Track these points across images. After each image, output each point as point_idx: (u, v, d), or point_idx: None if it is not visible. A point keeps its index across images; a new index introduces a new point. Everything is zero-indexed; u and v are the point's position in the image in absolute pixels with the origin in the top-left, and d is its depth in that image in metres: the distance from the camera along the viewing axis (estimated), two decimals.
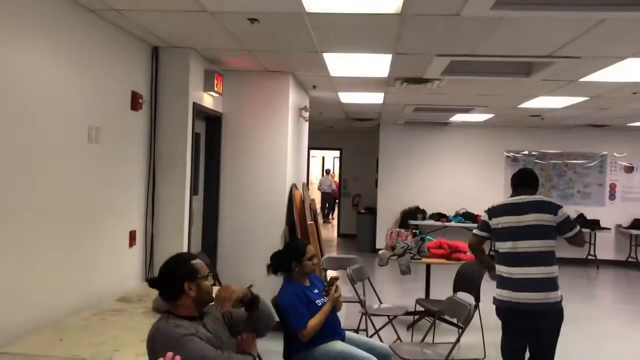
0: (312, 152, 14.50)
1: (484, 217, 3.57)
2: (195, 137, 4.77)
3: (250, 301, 2.39)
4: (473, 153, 10.24)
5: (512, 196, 3.50)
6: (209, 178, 5.38)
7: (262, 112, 5.47)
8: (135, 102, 4.00)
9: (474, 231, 3.63)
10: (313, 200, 6.64)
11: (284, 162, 5.46)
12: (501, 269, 3.43)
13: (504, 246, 3.42)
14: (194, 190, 4.82)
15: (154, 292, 3.65)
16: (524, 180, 3.50)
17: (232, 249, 5.47)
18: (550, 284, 3.30)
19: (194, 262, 2.31)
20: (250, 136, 5.49)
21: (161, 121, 4.38)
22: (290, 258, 3.31)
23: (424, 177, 10.33)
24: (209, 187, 5.38)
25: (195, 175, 5.03)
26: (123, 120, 3.89)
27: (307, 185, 7.36)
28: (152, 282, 2.26)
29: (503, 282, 3.41)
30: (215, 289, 2.41)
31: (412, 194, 10.31)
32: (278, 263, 3.31)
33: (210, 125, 5.37)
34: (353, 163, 12.29)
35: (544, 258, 3.30)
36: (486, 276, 3.94)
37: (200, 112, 4.80)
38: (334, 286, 3.21)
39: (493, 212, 3.51)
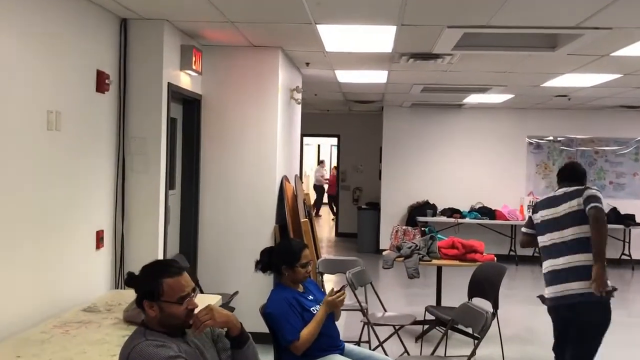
0: (306, 139, 14.50)
1: (530, 213, 3.93)
2: (171, 122, 4.76)
3: (237, 338, 2.29)
4: (490, 139, 10.27)
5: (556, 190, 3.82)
6: (188, 170, 5.38)
7: (248, 93, 5.46)
8: (101, 82, 3.98)
9: (522, 229, 3.99)
10: (307, 194, 6.65)
11: (274, 151, 5.46)
12: (544, 265, 3.69)
13: (541, 240, 3.73)
14: (170, 184, 4.82)
15: (126, 300, 3.66)
16: (566, 175, 3.78)
17: (214, 250, 5.48)
18: (574, 273, 3.46)
19: (167, 279, 2.19)
20: (234, 121, 5.49)
21: (131, 104, 4.37)
22: (281, 260, 3.30)
23: (435, 167, 10.36)
24: (188, 180, 5.38)
25: (172, 166, 5.03)
26: (87, 104, 3.87)
27: (300, 177, 7.37)
28: (129, 280, 2.24)
29: (546, 278, 3.66)
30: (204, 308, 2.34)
31: (420, 186, 10.34)
32: (268, 260, 3.31)
33: (188, 109, 5.36)
34: (353, 152, 12.31)
35: (571, 246, 3.50)
36: (506, 281, 4.11)
37: (176, 93, 4.79)
38: (339, 292, 3.21)
39: (536, 206, 3.84)
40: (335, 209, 15.83)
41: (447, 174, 10.31)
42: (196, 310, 2.21)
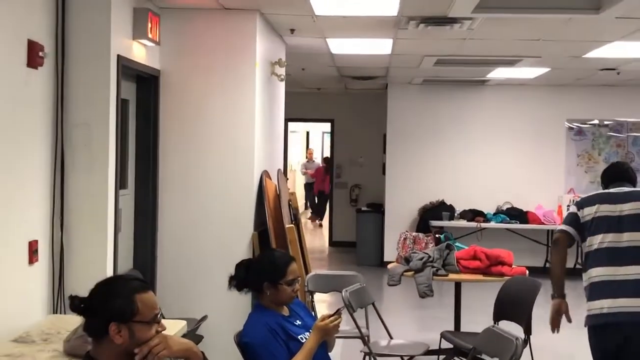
0: (292, 125, 14.52)
1: (573, 209, 3.91)
2: (122, 105, 4.76)
3: None
4: (520, 124, 10.33)
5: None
6: (143, 165, 5.39)
7: (218, 68, 5.47)
8: (33, 55, 3.96)
9: (561, 226, 3.94)
10: (293, 194, 6.66)
11: (251, 140, 5.49)
12: (592, 273, 3.75)
13: (594, 241, 3.74)
14: (121, 183, 4.81)
15: (67, 327, 3.65)
16: (617, 175, 3.91)
17: (177, 265, 5.50)
18: None
19: (140, 295, 2.26)
20: (201, 103, 5.49)
21: (71, 83, 4.36)
22: (262, 276, 3.30)
23: (452, 159, 10.41)
24: (143, 177, 5.39)
25: (123, 160, 5.02)
26: (15, 82, 3.85)
27: (284, 172, 7.37)
28: (75, 304, 2.24)
29: (594, 290, 3.70)
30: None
31: (434, 183, 10.39)
32: (246, 276, 3.31)
33: (143, 88, 5.36)
34: (350, 141, 12.37)
35: None
36: (542, 300, 4.06)
37: (128, 69, 4.79)
38: (333, 316, 3.21)
39: (584, 202, 3.87)
40: (319, 211, 16.07)
41: (468, 168, 10.36)
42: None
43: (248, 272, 3.31)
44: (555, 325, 3.92)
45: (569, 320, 3.91)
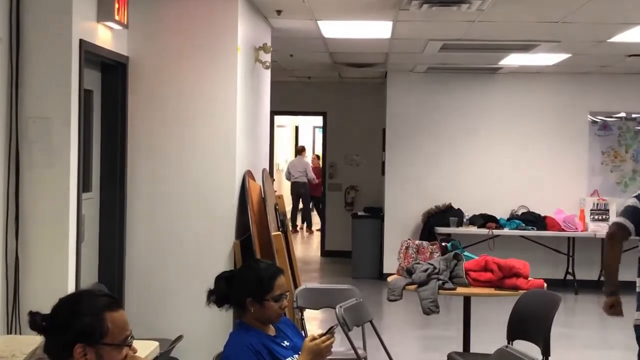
0: (279, 119, 14.47)
1: (632, 202, 3.99)
2: (85, 97, 4.75)
3: None
4: (537, 118, 10.35)
5: None
6: (109, 164, 5.40)
7: (194, 54, 5.47)
8: None
9: (616, 219, 4.04)
10: (280, 197, 6.67)
11: (232, 136, 5.49)
12: None
13: None
14: (84, 185, 4.82)
15: (22, 349, 3.63)
16: None
17: (148, 278, 5.49)
18: None
19: (111, 313, 2.20)
20: (175, 94, 5.48)
21: (28, 71, 4.35)
22: (245, 290, 3.30)
23: (460, 157, 10.41)
24: (110, 178, 5.40)
25: (86, 159, 5.02)
26: None
27: (270, 172, 7.36)
28: (36, 321, 2.23)
29: None
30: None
31: (440, 184, 10.39)
32: (227, 290, 3.31)
33: (109, 77, 5.36)
34: (345, 136, 12.36)
35: None
36: (561, 317, 4.13)
37: (92, 55, 4.79)
38: (325, 335, 3.21)
39: None
40: (306, 219, 16.06)
41: (478, 167, 10.36)
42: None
43: (229, 285, 3.31)
44: (617, 314, 4.04)
45: (621, 314, 4.07)
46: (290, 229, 16.09)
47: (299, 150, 16.06)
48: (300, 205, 15.94)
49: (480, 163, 10.39)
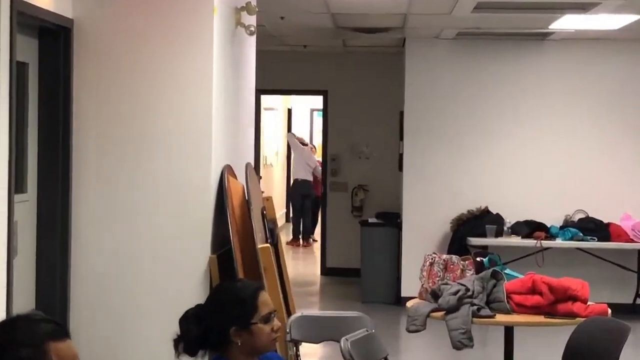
0: (267, 99, 14.46)
1: None
2: (18, 71, 4.74)
3: None
4: (598, 97, 10.33)
5: None
6: (49, 158, 5.40)
7: (159, 17, 5.47)
8: None
9: None
10: (269, 199, 6.66)
11: (207, 121, 5.50)
12: None
13: None
14: (16, 184, 4.80)
15: None
16: None
17: (99, 305, 5.49)
18: None
19: (56, 344, 2.19)
20: (133, 68, 5.48)
21: None
22: (226, 320, 3.30)
23: (499, 148, 10.40)
24: (49, 176, 5.39)
25: (19, 151, 5.01)
26: None
27: (256, 168, 7.34)
28: None
29: None
30: None
31: (474, 183, 10.37)
32: (200, 331, 3.30)
33: (49, 45, 5.35)
34: (351, 122, 12.37)
35: None
36: (630, 351, 4.07)
37: (27, 17, 4.78)
38: None
39: None
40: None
41: (522, 161, 10.34)
42: None
43: (201, 323, 3.31)
44: None
45: None
46: (290, 240, 16.41)
47: (300, 141, 16.19)
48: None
49: (526, 155, 10.36)
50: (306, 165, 15.80)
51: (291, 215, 17.39)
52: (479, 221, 10.03)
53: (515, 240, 9.87)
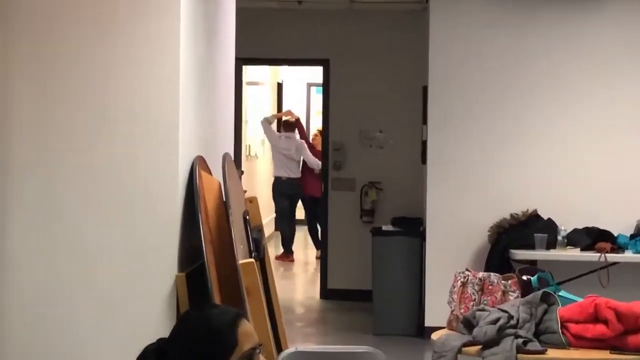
0: (252, 71, 14.43)
1: None
2: None
3: None
4: None
5: None
6: None
7: None
8: None
9: None
10: (253, 200, 6.65)
11: (172, 102, 5.52)
12: None
13: None
14: None
15: None
16: None
17: (33, 338, 5.47)
18: None
19: None
20: (78, 36, 5.49)
21: None
22: (196, 359, 3.30)
23: (550, 134, 10.36)
24: None
25: None
26: None
27: (237, 161, 7.30)
28: None
29: None
30: None
31: (518, 179, 10.33)
32: None
33: None
34: (359, 100, 12.35)
35: None
36: None
37: None
38: None
39: None
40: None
41: (581, 153, 10.32)
42: None
43: None
44: None
45: None
46: (280, 255, 16.40)
47: (289, 124, 16.04)
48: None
49: (585, 145, 10.32)
50: (286, 160, 15.76)
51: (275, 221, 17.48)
52: (526, 229, 9.96)
53: (573, 253, 9.78)
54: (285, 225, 16.11)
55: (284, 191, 15.79)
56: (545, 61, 10.41)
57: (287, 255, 16.13)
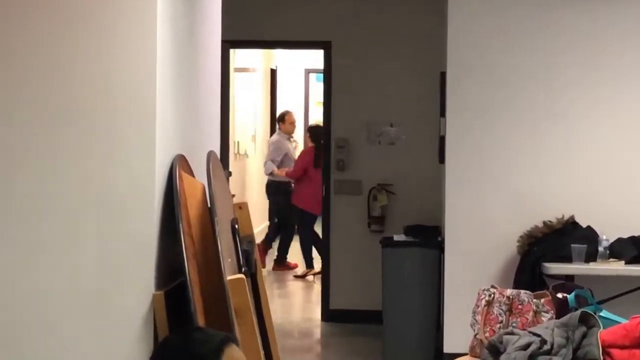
0: (240, 55, 14.47)
1: None
2: None
3: None
4: None
5: None
6: None
7: None
8: None
9: None
10: (242, 205, 6.67)
11: (148, 91, 5.54)
12: None
13: None
14: None
15: None
16: None
17: None
18: None
19: None
20: (40, 17, 5.50)
21: None
22: None
23: (590, 131, 10.38)
24: None
25: None
26: None
27: (224, 160, 7.30)
28: None
29: None
30: None
31: (552, 181, 10.37)
32: None
33: None
34: (366, 89, 12.42)
35: None
36: None
37: None
38: None
39: None
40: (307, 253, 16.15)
41: (625, 152, 10.33)
42: None
43: None
44: None
45: None
46: (277, 265, 16.50)
47: (281, 118, 16.13)
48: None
49: (629, 143, 10.35)
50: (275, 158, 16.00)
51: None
52: (561, 238, 9.99)
53: (617, 267, 9.82)
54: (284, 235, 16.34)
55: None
56: (584, 43, 10.40)
57: (283, 263, 16.31)
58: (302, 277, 15.84)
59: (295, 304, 14.37)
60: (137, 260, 5.51)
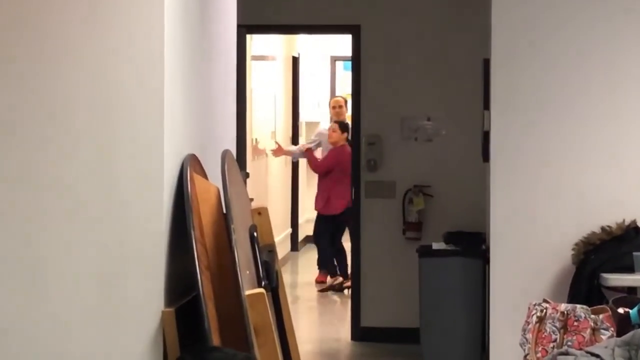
0: (258, 42, 14.52)
1: None
2: None
3: None
4: None
5: None
6: None
7: None
8: None
9: None
10: (261, 211, 6.68)
11: (156, 83, 5.55)
12: None
13: None
14: None
15: None
16: None
17: None
18: None
19: None
20: (36, 9, 5.53)
21: None
22: None
23: None
24: None
25: None
26: None
27: (240, 160, 7.30)
28: None
29: None
30: None
31: (611, 183, 10.33)
32: None
33: None
34: (400, 79, 12.43)
35: None
36: None
37: None
38: None
39: None
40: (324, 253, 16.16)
41: None
42: None
43: None
44: None
45: None
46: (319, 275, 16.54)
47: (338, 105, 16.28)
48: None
49: None
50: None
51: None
52: (622, 246, 9.97)
53: None
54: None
55: None
56: None
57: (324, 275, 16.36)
58: (327, 289, 15.88)
59: (322, 321, 14.38)
60: (144, 274, 5.53)
